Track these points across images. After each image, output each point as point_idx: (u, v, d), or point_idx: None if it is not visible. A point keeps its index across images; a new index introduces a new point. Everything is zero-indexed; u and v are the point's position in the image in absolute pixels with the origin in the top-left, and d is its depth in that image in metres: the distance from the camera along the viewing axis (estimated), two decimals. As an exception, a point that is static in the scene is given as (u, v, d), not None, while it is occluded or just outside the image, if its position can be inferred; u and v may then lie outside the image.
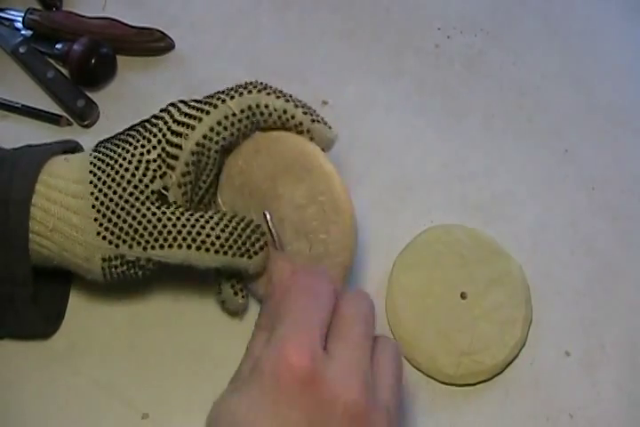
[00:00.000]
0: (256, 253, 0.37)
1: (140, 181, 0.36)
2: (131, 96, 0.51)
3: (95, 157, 0.37)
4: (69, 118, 0.50)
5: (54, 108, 0.50)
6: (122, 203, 0.36)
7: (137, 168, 0.36)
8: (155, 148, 0.37)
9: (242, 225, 0.37)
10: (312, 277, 0.34)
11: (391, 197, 0.48)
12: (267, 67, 0.53)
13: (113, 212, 0.36)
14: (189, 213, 0.37)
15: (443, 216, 0.48)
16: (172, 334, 0.43)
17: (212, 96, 0.38)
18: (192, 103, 0.38)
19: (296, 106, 0.38)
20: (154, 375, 0.42)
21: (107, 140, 0.39)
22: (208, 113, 0.37)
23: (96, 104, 0.50)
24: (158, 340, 0.43)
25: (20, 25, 0.52)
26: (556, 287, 0.46)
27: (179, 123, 0.37)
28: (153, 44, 0.52)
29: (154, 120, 0.38)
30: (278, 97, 0.38)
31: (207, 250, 0.36)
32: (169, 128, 0.37)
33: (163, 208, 0.36)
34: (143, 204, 0.36)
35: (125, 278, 0.38)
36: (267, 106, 0.38)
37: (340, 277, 0.38)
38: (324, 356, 0.30)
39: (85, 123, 0.49)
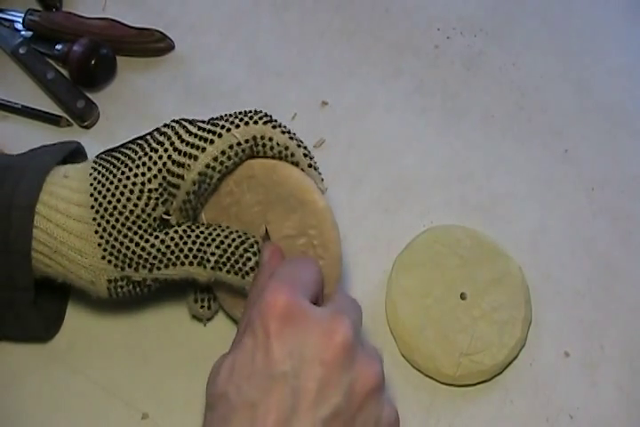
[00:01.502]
0: (247, 273, 0.37)
1: (143, 210, 0.36)
2: (131, 97, 0.51)
3: (95, 179, 0.36)
4: (69, 119, 0.50)
5: (54, 109, 0.50)
6: (125, 231, 0.36)
7: (139, 198, 0.36)
8: (155, 177, 0.36)
9: (236, 242, 0.37)
10: (298, 262, 0.35)
11: (391, 198, 0.49)
12: (267, 67, 0.53)
13: (116, 239, 0.36)
14: (190, 229, 0.37)
15: (442, 217, 0.48)
16: (172, 334, 0.43)
17: (215, 123, 0.37)
18: (193, 130, 0.37)
19: (298, 145, 0.38)
20: (154, 375, 0.42)
21: (106, 154, 0.38)
22: (212, 142, 0.36)
23: (96, 105, 0.50)
24: (158, 340, 0.43)
25: (19, 26, 0.52)
26: (556, 288, 0.46)
27: (180, 152, 0.36)
28: (153, 44, 0.52)
29: (153, 144, 0.37)
30: (283, 132, 0.38)
31: (204, 267, 0.36)
32: (169, 157, 0.36)
33: (165, 230, 0.37)
34: (146, 231, 0.36)
35: (132, 296, 0.38)
36: (271, 139, 0.37)
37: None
38: (310, 303, 0.32)
39: (85, 123, 0.49)
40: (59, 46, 0.50)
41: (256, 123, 0.37)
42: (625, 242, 0.48)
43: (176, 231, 0.37)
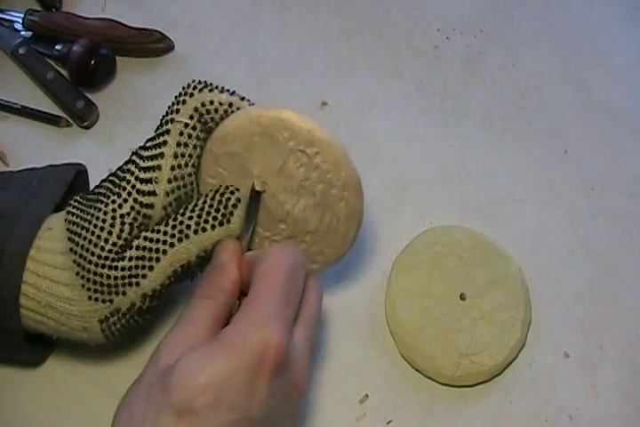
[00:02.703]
0: (231, 213, 0.36)
1: (119, 237, 0.35)
2: (130, 97, 0.51)
3: (70, 222, 0.36)
4: (69, 119, 0.50)
5: (54, 109, 0.50)
6: (102, 261, 0.35)
7: (112, 225, 0.35)
8: (126, 201, 0.35)
9: (210, 196, 0.36)
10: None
11: (391, 198, 0.49)
12: (267, 67, 0.53)
13: (95, 273, 0.35)
14: (171, 218, 0.36)
15: (442, 217, 0.48)
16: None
17: (161, 122, 0.37)
18: (147, 144, 0.37)
19: (242, 98, 0.37)
20: (154, 376, 0.42)
21: (79, 200, 0.37)
22: (165, 143, 0.36)
23: (95, 105, 0.50)
24: (158, 340, 0.43)
25: (19, 26, 0.52)
26: (556, 288, 0.46)
27: (144, 169, 0.36)
28: (152, 45, 0.52)
29: (121, 174, 0.36)
30: (222, 91, 0.37)
31: (187, 237, 0.35)
32: (137, 177, 0.36)
33: (144, 234, 0.36)
34: (126, 253, 0.35)
35: (127, 330, 0.37)
36: (212, 102, 0.36)
37: (355, 222, 0.37)
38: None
39: (85, 124, 0.49)
40: (58, 46, 0.50)
41: (192, 95, 0.36)
42: (625, 242, 0.48)
43: (153, 231, 0.36)
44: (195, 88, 0.37)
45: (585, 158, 0.51)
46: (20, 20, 0.52)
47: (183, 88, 0.37)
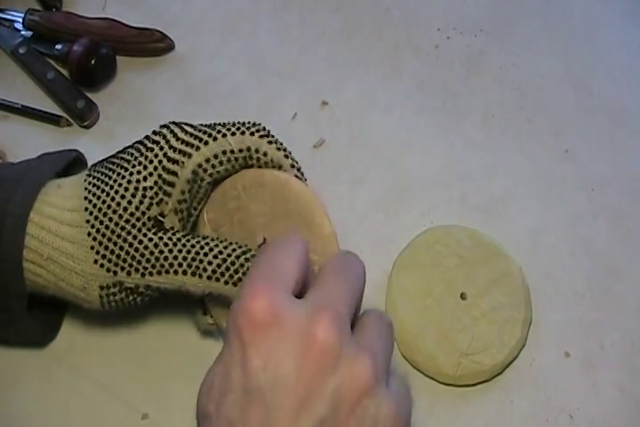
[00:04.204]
0: (240, 279, 0.35)
1: (137, 208, 0.36)
2: (130, 97, 0.51)
3: (90, 183, 0.36)
4: (69, 119, 0.50)
5: (54, 109, 0.50)
6: (118, 230, 0.35)
7: (134, 195, 0.36)
8: (151, 175, 0.36)
9: (236, 253, 0.35)
10: (277, 247, 0.32)
11: (391, 198, 0.48)
12: (267, 67, 0.53)
13: (109, 239, 0.35)
14: (186, 238, 0.36)
15: (442, 217, 0.48)
16: (172, 334, 0.43)
17: (212, 127, 0.38)
18: (189, 129, 0.37)
19: (292, 166, 0.38)
20: (154, 375, 0.42)
21: (100, 163, 0.38)
22: (207, 143, 0.36)
23: (96, 105, 0.50)
24: (158, 340, 0.43)
25: (19, 26, 0.52)
26: (556, 288, 0.46)
27: (175, 149, 0.36)
28: (153, 44, 0.52)
29: (149, 144, 0.37)
30: (278, 149, 0.38)
31: (200, 276, 0.35)
32: (165, 154, 0.36)
33: (160, 234, 0.36)
34: (140, 231, 0.36)
35: (124, 306, 0.37)
36: (265, 154, 0.37)
37: None
38: (290, 300, 0.29)
39: (85, 123, 0.49)
40: (59, 46, 0.50)
41: (252, 134, 0.37)
42: (625, 242, 0.48)
43: (170, 238, 0.36)
44: (257, 131, 0.38)
45: (585, 158, 0.51)
46: (21, 20, 0.52)
47: (250, 123, 0.38)
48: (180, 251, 0.35)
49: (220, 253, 0.35)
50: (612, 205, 0.49)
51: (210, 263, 0.35)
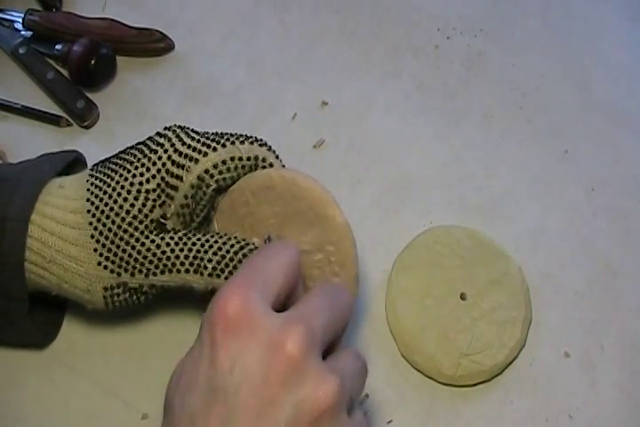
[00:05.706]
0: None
1: (140, 211, 0.36)
2: (130, 97, 0.51)
3: (92, 184, 0.36)
4: (69, 119, 0.50)
5: (54, 109, 0.50)
6: (121, 233, 0.35)
7: (136, 198, 0.36)
8: (154, 177, 0.36)
9: (235, 248, 0.35)
10: (268, 253, 0.32)
11: (391, 198, 0.49)
12: (267, 67, 0.53)
13: (112, 242, 0.35)
14: (187, 236, 0.36)
15: (442, 217, 0.48)
16: (172, 334, 0.43)
17: (220, 135, 0.38)
18: (196, 135, 0.37)
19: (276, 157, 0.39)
20: (154, 375, 0.42)
21: (102, 162, 0.38)
22: (215, 150, 0.36)
23: (96, 105, 0.50)
24: (158, 340, 0.43)
25: (19, 26, 0.52)
26: (556, 288, 0.46)
27: (180, 153, 0.36)
28: (153, 44, 0.52)
29: (153, 146, 0.37)
30: (283, 166, 0.39)
31: (202, 274, 0.35)
32: (169, 157, 0.36)
33: (162, 235, 0.36)
34: (142, 233, 0.36)
35: (128, 305, 0.38)
36: (271, 165, 0.38)
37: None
38: (265, 306, 0.29)
39: (85, 123, 0.49)
40: (59, 46, 0.50)
41: (261, 146, 0.38)
42: (625, 242, 0.48)
43: (172, 237, 0.36)
44: (266, 144, 0.39)
45: (585, 158, 0.51)
46: (21, 20, 0.52)
47: (255, 137, 0.38)
48: (181, 250, 0.36)
49: (220, 249, 0.36)
50: (612, 205, 0.49)
51: (210, 260, 0.35)
